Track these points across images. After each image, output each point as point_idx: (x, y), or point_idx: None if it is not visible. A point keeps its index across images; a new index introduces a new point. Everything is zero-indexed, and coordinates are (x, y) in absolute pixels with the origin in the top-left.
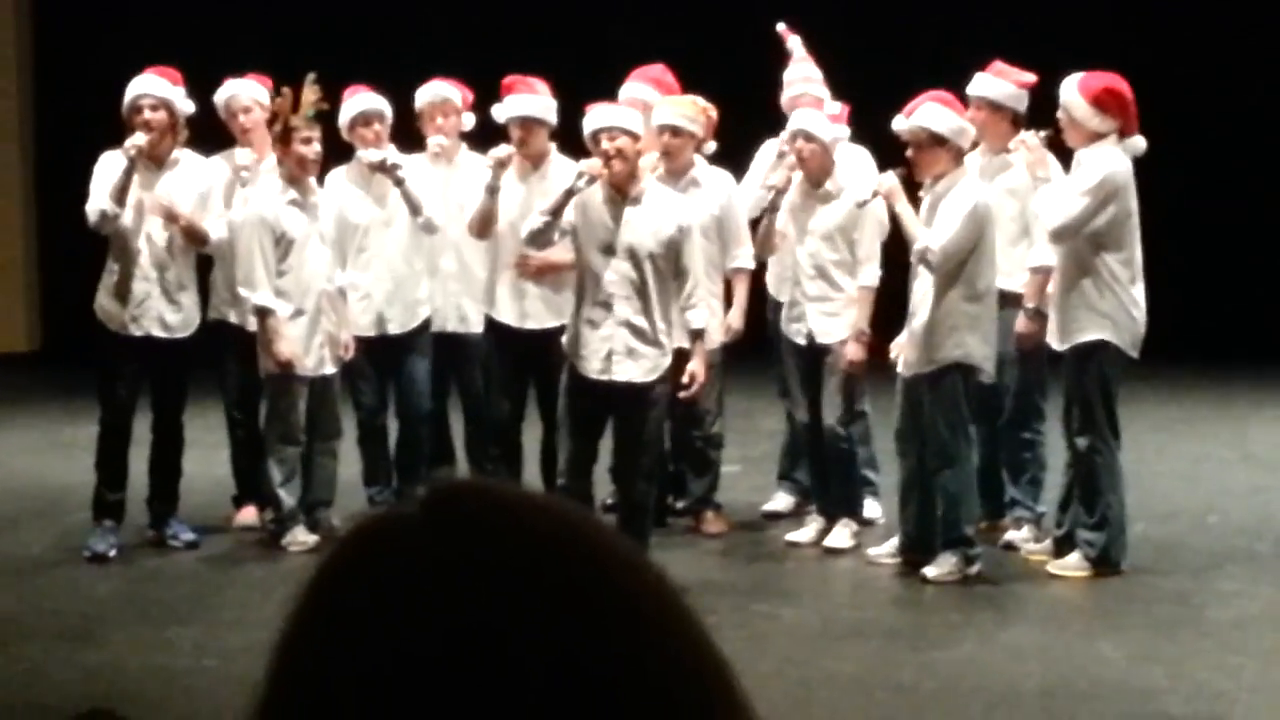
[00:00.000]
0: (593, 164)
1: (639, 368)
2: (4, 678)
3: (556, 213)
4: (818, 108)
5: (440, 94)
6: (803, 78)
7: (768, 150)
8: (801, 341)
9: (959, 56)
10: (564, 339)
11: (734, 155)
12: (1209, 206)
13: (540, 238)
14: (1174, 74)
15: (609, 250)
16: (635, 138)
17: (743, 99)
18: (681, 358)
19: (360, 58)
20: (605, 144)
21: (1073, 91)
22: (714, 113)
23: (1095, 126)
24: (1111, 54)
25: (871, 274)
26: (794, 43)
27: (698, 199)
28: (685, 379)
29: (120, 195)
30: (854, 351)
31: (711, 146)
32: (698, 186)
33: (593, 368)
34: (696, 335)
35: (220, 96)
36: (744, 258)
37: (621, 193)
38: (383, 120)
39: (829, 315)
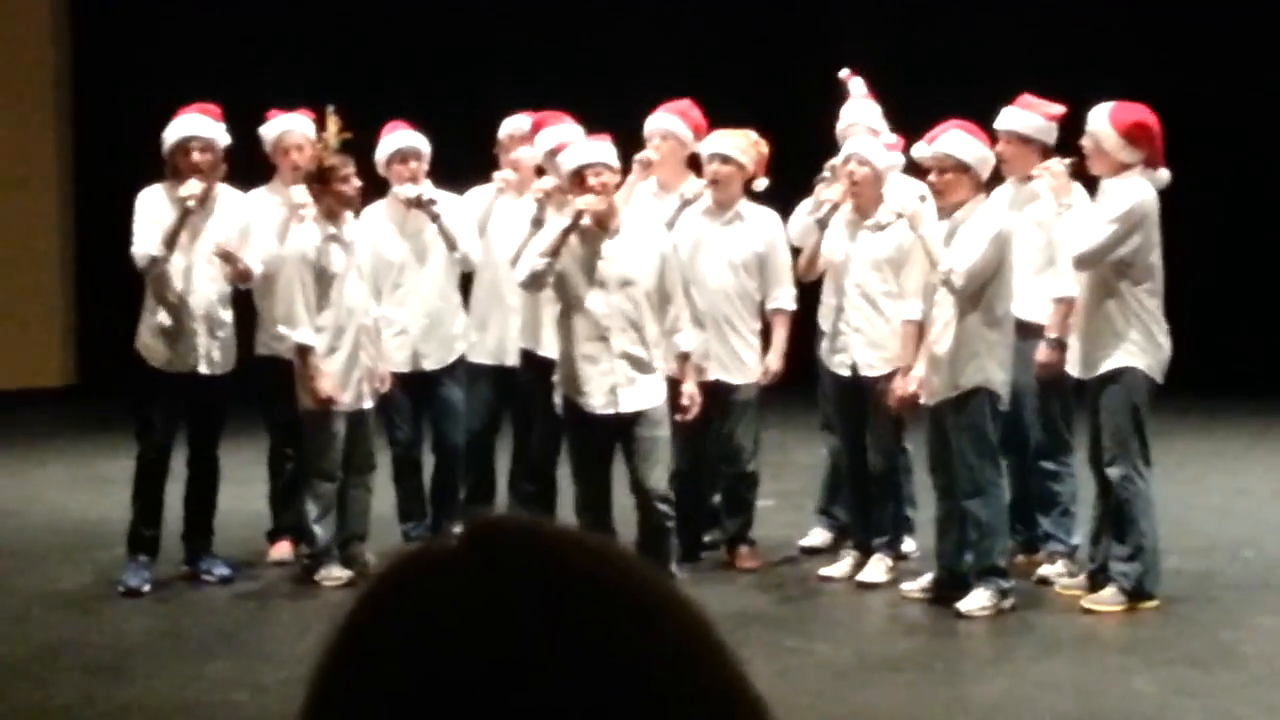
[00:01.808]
0: (589, 201)
1: (642, 396)
2: (38, 712)
3: (555, 253)
4: (874, 135)
5: (520, 127)
6: (858, 110)
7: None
8: (845, 373)
9: (983, 88)
10: (557, 379)
11: (781, 195)
12: (1247, 236)
13: (539, 280)
14: (1201, 102)
15: (599, 284)
16: (615, 171)
17: (796, 139)
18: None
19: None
20: (592, 180)
21: (1103, 122)
22: (765, 148)
23: (1124, 158)
24: (1136, 84)
25: (918, 307)
26: (855, 84)
27: (741, 233)
28: (685, 401)
29: (171, 242)
30: (901, 387)
31: (763, 183)
32: (742, 221)
33: (598, 404)
34: (684, 358)
35: (269, 132)
36: (784, 298)
37: (603, 227)
38: (420, 157)
39: (872, 346)
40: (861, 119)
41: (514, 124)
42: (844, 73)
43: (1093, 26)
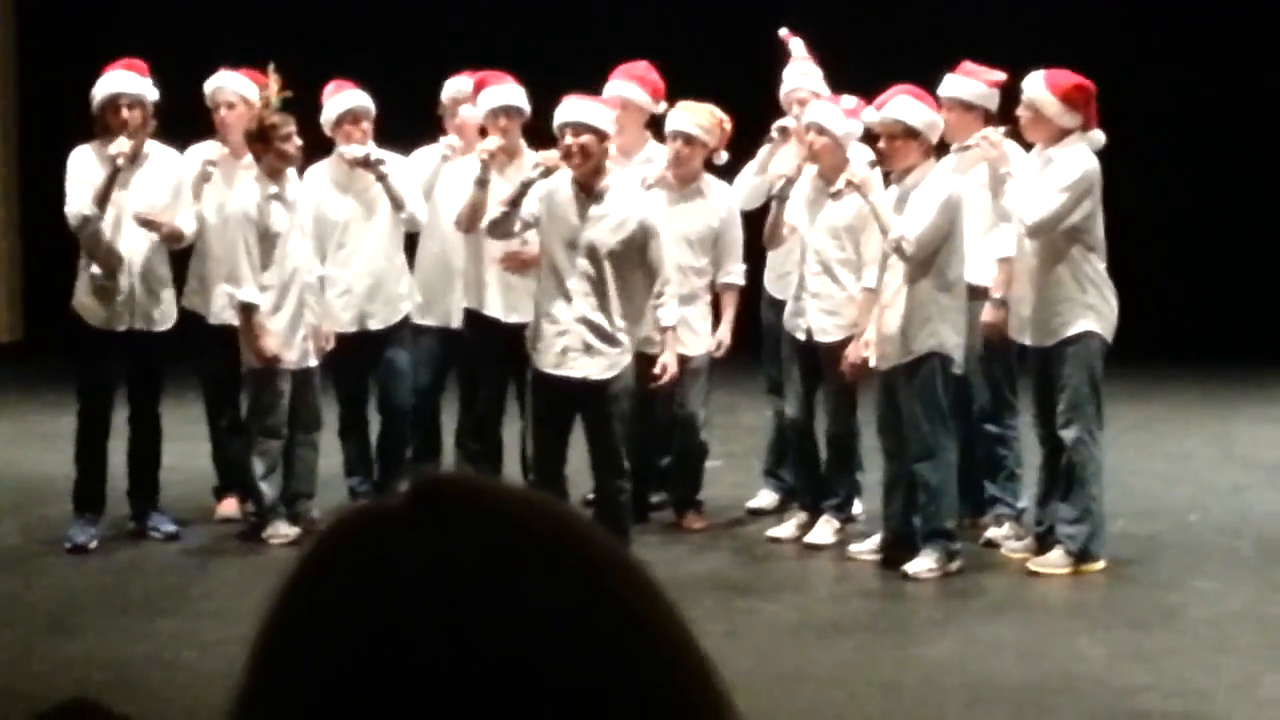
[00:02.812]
0: (550, 155)
1: (595, 365)
2: None
3: (514, 203)
4: (833, 101)
5: (463, 89)
6: (800, 74)
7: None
8: (801, 336)
9: (927, 55)
10: (526, 333)
11: (737, 166)
12: (1195, 203)
13: (499, 227)
14: (1144, 69)
15: (572, 246)
16: (601, 135)
17: (748, 104)
18: (651, 359)
19: (332, 48)
20: (569, 139)
21: (1040, 88)
22: (729, 124)
23: (1064, 123)
24: (1071, 50)
25: (876, 274)
26: (795, 44)
27: (700, 209)
28: (656, 369)
29: (103, 200)
30: (854, 353)
31: (724, 157)
32: (702, 197)
33: (548, 362)
34: (666, 330)
35: (208, 86)
36: (736, 274)
37: (586, 189)
38: (368, 117)
39: (828, 313)
40: (804, 83)
41: (456, 86)
42: (783, 32)
43: None
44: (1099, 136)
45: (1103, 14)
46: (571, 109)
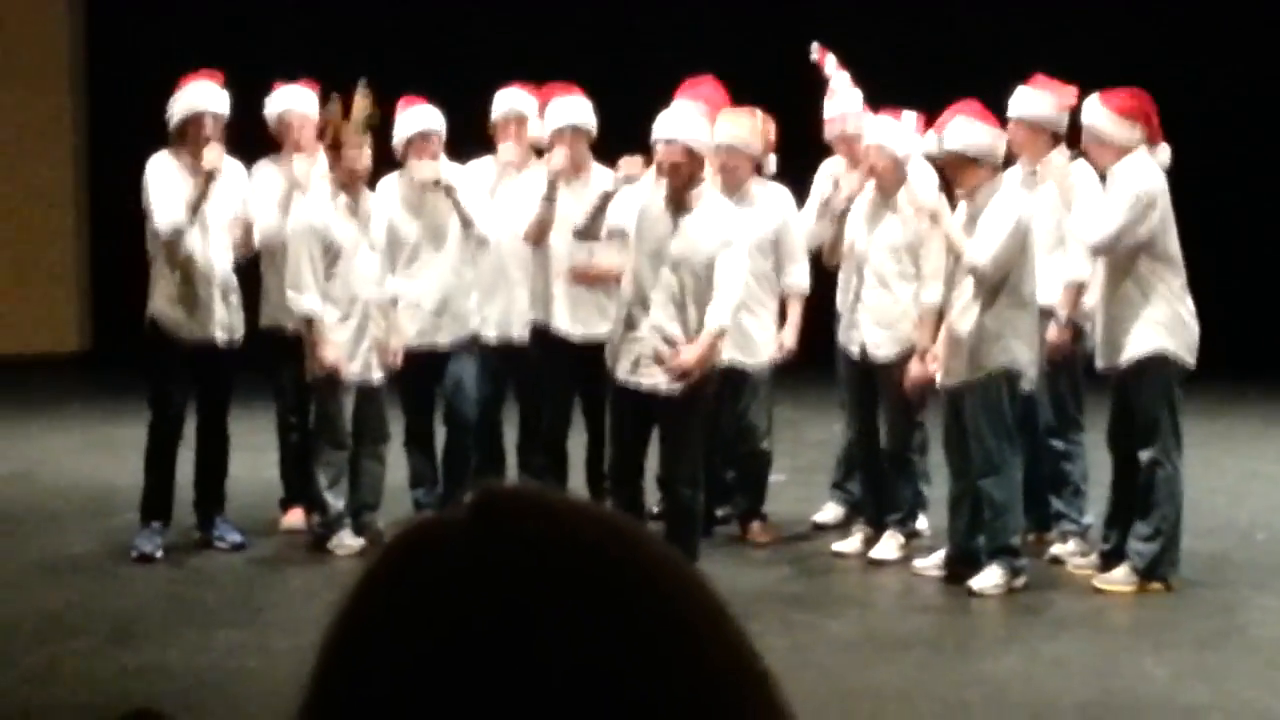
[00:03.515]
0: (633, 163)
1: (666, 376)
2: (48, 676)
3: (594, 217)
4: (857, 137)
5: (517, 107)
6: (840, 113)
7: (828, 168)
8: (854, 350)
9: (995, 67)
10: (607, 344)
11: (788, 171)
12: (1258, 218)
13: (585, 232)
14: (1211, 86)
15: (657, 257)
16: (693, 150)
17: (800, 113)
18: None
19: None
20: (661, 152)
21: (1096, 111)
22: (772, 128)
23: (1124, 140)
24: (1140, 70)
25: (937, 290)
26: (830, 63)
27: (753, 216)
28: (670, 362)
29: (196, 209)
30: (917, 369)
31: (772, 161)
32: (753, 204)
33: (621, 369)
34: (710, 333)
35: (273, 106)
36: (798, 276)
37: (677, 203)
38: (440, 136)
39: (883, 327)
40: (848, 109)
41: (508, 101)
42: (814, 49)
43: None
44: (1164, 152)
45: (1166, 26)
46: (666, 124)
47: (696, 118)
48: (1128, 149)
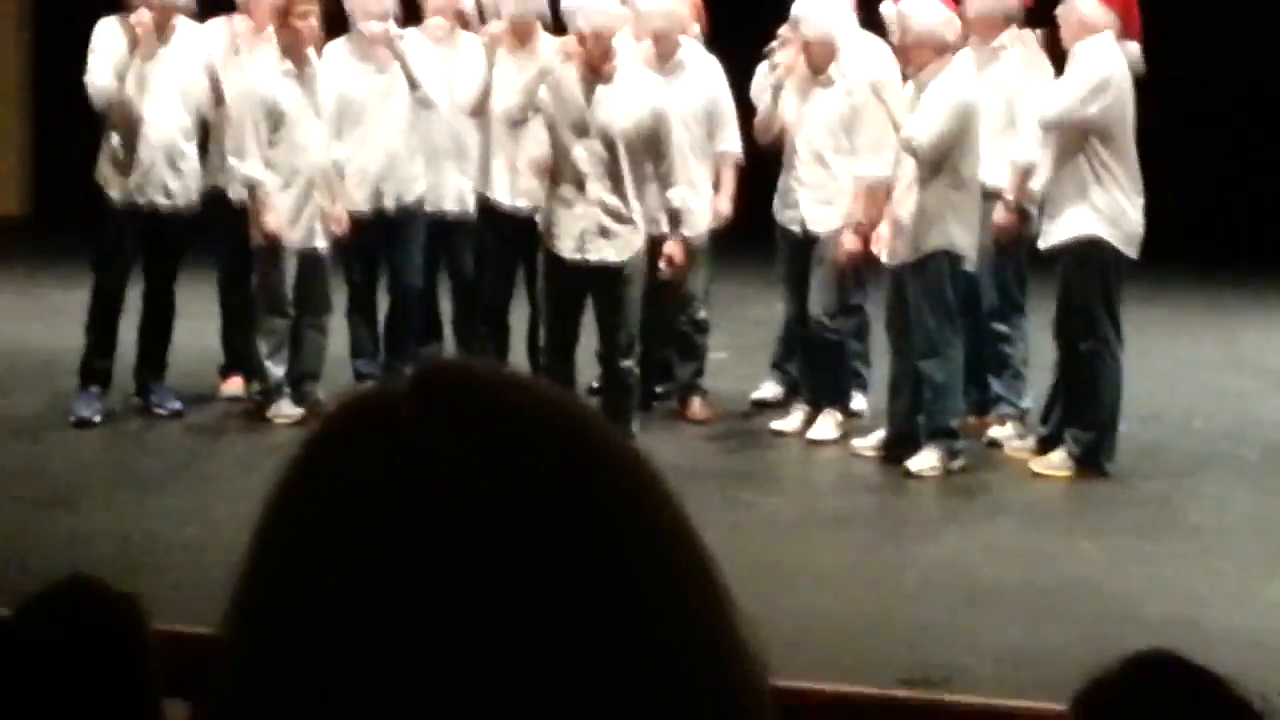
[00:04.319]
0: (569, 42)
1: (613, 247)
2: None
3: (529, 92)
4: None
5: None
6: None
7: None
8: (795, 229)
9: None
10: (539, 219)
11: (721, 41)
12: (1201, 108)
13: (514, 116)
14: None
15: (582, 130)
16: (611, 17)
17: None
18: (659, 240)
19: None
20: (581, 23)
21: None
22: None
23: (1096, 20)
24: None
25: (870, 164)
26: None
27: (686, 84)
28: (662, 262)
29: (123, 73)
30: (850, 243)
31: (695, 30)
32: (685, 71)
33: (566, 247)
34: (674, 215)
35: None
36: (731, 141)
37: (595, 72)
38: None
39: (822, 203)
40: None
41: None
42: None
43: None
44: (1133, 49)
45: None
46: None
47: None
48: (1096, 30)
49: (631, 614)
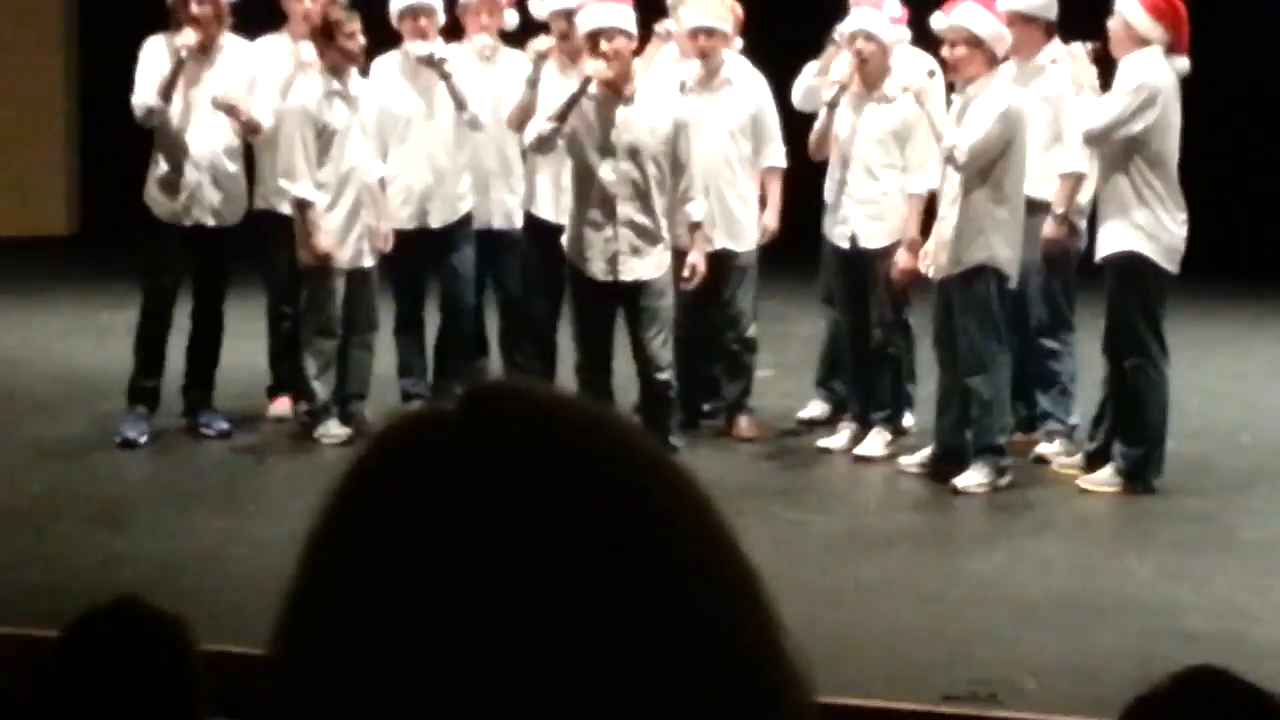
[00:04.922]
0: (597, 67)
1: (644, 265)
2: (32, 560)
3: (563, 118)
4: (876, 7)
5: None
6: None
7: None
8: (844, 245)
9: None
10: (564, 241)
11: (760, 53)
12: (1252, 121)
13: (546, 144)
14: None
15: (608, 151)
16: (630, 37)
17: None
18: (684, 253)
19: None
20: (604, 45)
21: (1131, 1)
22: (739, 10)
23: (1145, 34)
24: None
25: (922, 181)
26: None
27: (731, 98)
28: (686, 272)
29: (168, 91)
30: (905, 260)
31: (738, 44)
32: (730, 86)
33: (598, 269)
34: (695, 228)
35: None
36: (776, 156)
37: (616, 92)
38: (432, 14)
39: (873, 219)
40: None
41: None
42: None
43: None
44: (1182, 62)
45: None
46: (597, 14)
47: (622, 6)
48: (1146, 43)
49: (676, 629)
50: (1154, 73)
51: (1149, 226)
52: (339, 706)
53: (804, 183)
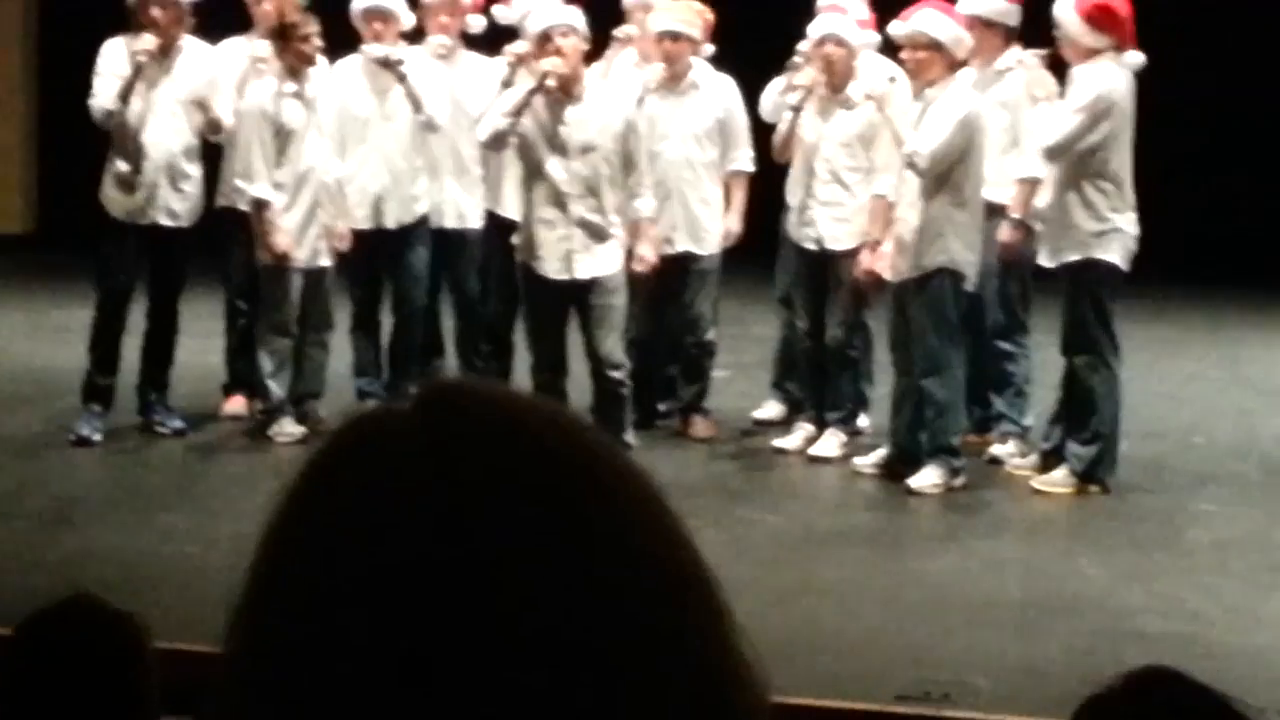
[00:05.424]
0: (554, 63)
1: (597, 263)
2: None
3: (518, 113)
4: (842, 11)
5: None
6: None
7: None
8: (810, 246)
9: None
10: (515, 240)
11: (731, 59)
12: (1210, 123)
13: (500, 140)
14: None
15: (560, 150)
16: (581, 36)
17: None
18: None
19: None
20: (558, 41)
21: (1066, 9)
22: (710, 15)
23: (1090, 43)
24: None
25: (887, 183)
26: None
27: (699, 102)
28: (635, 265)
29: (126, 95)
30: (868, 261)
31: (708, 50)
32: (698, 90)
33: (552, 268)
34: (644, 223)
35: None
36: (743, 160)
37: (566, 92)
38: (390, 17)
39: (839, 221)
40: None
41: None
42: None
43: None
44: (1135, 58)
45: None
46: (549, 13)
47: (572, 7)
48: (1096, 50)
49: (629, 628)
50: (1108, 84)
51: (1106, 232)
52: (292, 703)
53: (764, 184)
